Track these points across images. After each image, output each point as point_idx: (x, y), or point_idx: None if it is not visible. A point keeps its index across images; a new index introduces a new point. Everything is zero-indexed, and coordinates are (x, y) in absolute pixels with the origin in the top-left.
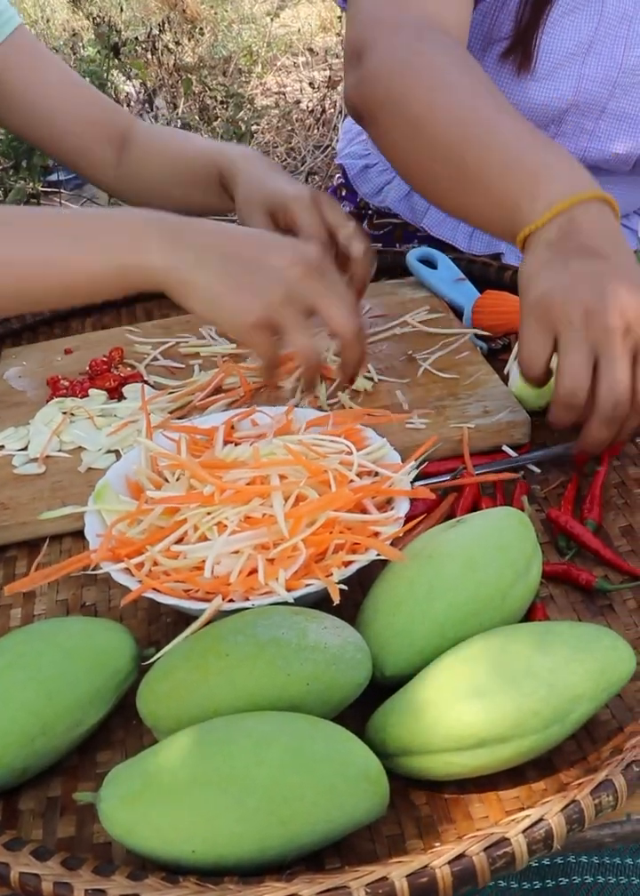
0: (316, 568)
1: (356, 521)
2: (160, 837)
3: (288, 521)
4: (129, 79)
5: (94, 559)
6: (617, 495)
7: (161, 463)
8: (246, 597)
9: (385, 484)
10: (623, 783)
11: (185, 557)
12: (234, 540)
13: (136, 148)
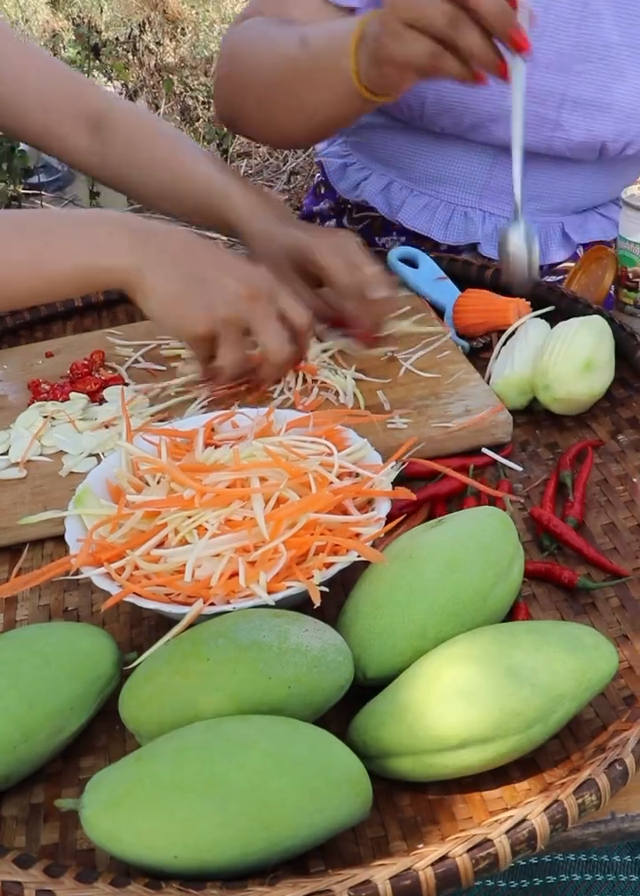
0: (297, 570)
1: (336, 522)
2: (142, 843)
3: (269, 523)
4: (110, 80)
5: (75, 564)
6: (599, 493)
7: (142, 467)
8: (227, 600)
9: (365, 485)
10: (606, 782)
11: (165, 561)
12: (214, 543)
13: (118, 143)
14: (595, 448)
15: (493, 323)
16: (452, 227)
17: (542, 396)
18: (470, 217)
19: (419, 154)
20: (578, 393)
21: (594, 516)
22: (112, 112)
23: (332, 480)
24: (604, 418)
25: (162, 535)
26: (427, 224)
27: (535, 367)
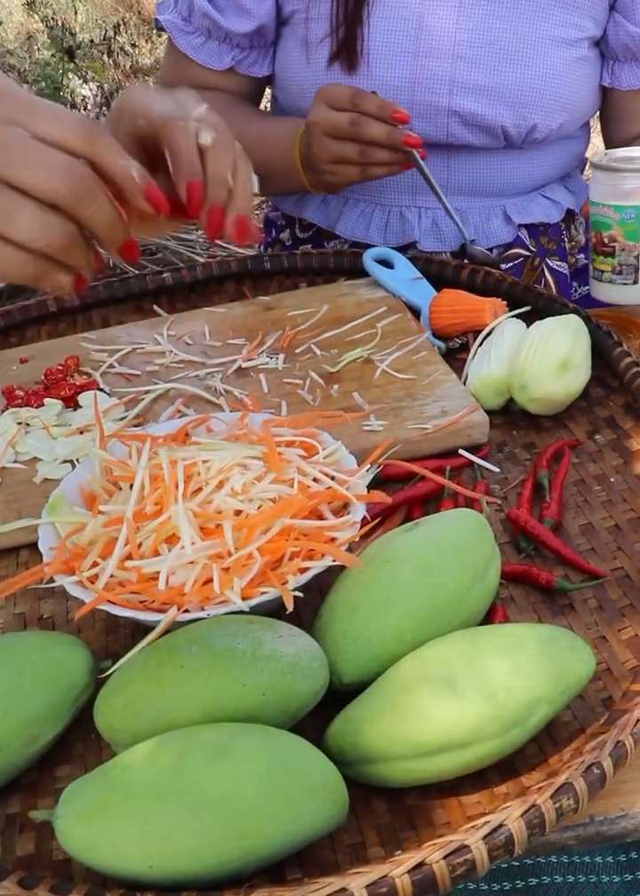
0: (272, 576)
1: (311, 527)
2: (117, 854)
3: (242, 529)
4: (85, 82)
5: (48, 572)
6: (577, 493)
7: (114, 472)
8: (202, 607)
9: (341, 489)
10: (584, 786)
11: (139, 572)
12: (184, 554)
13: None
14: (572, 448)
15: (470, 323)
16: (389, 229)
17: (519, 397)
18: (406, 216)
19: None
20: (554, 393)
21: (571, 516)
22: None
23: (308, 484)
24: (581, 417)
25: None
26: (364, 231)
27: (511, 367)
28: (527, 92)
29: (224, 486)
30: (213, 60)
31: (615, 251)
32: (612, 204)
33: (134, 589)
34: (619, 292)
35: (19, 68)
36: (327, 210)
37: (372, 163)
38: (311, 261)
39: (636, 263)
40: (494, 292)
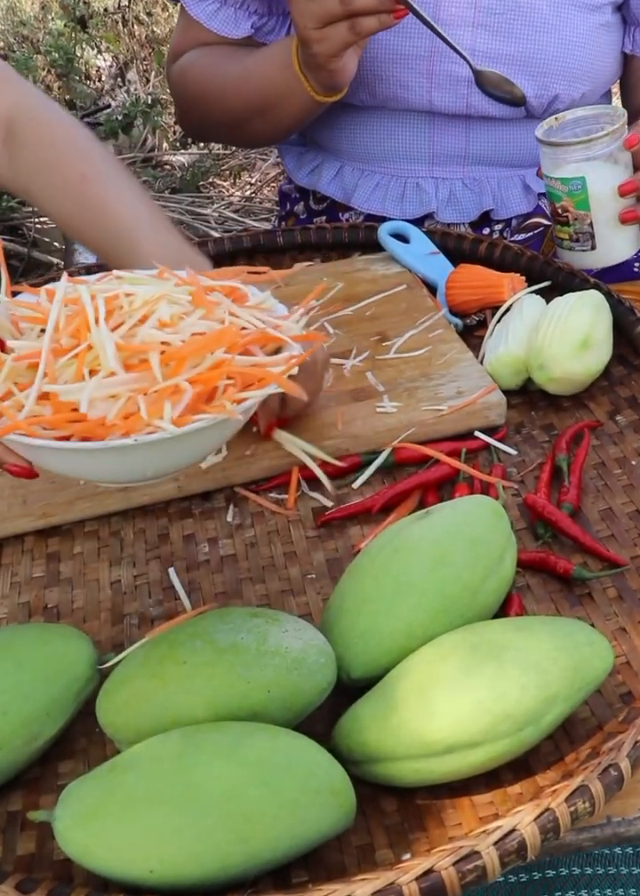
0: (206, 408)
1: (247, 363)
2: (117, 857)
3: (170, 363)
4: (99, 53)
5: None
6: (597, 477)
7: (20, 314)
8: (128, 435)
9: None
10: (600, 788)
11: (57, 399)
12: (109, 383)
13: (26, 157)
14: (592, 429)
15: (487, 299)
16: (406, 200)
17: (537, 376)
18: (423, 187)
19: (361, 133)
20: (574, 372)
21: (591, 501)
22: (25, 121)
23: (241, 326)
24: (602, 397)
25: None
26: (381, 203)
27: (530, 346)
28: (549, 61)
29: (149, 319)
30: (229, 28)
31: (569, 220)
32: (558, 177)
33: (51, 422)
34: (579, 258)
35: (31, 38)
36: (342, 182)
37: (359, 11)
38: (325, 236)
39: (591, 230)
40: (513, 267)
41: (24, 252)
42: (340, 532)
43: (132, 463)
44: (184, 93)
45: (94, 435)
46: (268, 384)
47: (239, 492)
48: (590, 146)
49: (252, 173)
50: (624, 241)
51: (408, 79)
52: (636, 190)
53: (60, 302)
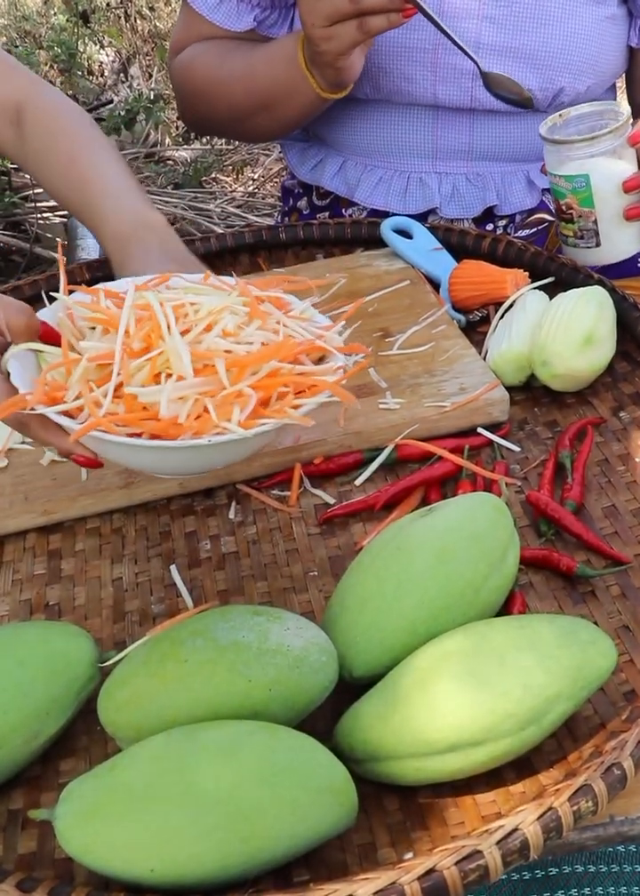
0: (267, 412)
1: (298, 372)
2: (117, 856)
3: (233, 369)
4: (102, 48)
5: (30, 401)
6: (600, 474)
7: (80, 315)
8: (199, 435)
9: (321, 341)
10: (603, 788)
11: (136, 400)
12: (181, 386)
13: (31, 138)
14: (595, 426)
15: (490, 295)
16: (409, 195)
17: (541, 373)
18: (426, 181)
19: (365, 127)
20: (578, 368)
21: (594, 498)
22: (30, 107)
23: (291, 335)
24: (605, 394)
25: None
26: (384, 198)
27: (533, 342)
28: (554, 53)
29: (214, 328)
30: (232, 21)
31: (573, 217)
32: (562, 175)
33: (127, 420)
34: (583, 255)
35: (34, 33)
36: (345, 177)
37: (368, 10)
38: (328, 231)
39: (595, 227)
40: (516, 263)
41: (26, 248)
42: (342, 530)
43: (197, 460)
44: (187, 87)
45: (166, 433)
46: (321, 391)
47: (241, 488)
48: (594, 143)
49: (255, 169)
50: (628, 238)
51: (412, 72)
52: (639, 186)
53: (131, 308)
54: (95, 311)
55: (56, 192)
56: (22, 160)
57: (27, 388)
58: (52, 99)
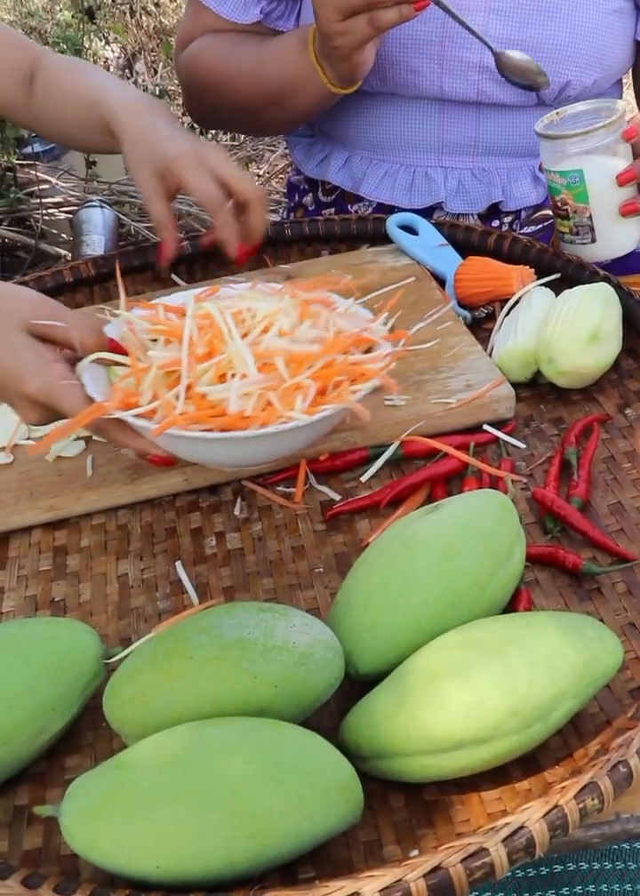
0: (325, 400)
1: (350, 363)
2: (123, 853)
3: (291, 365)
4: (107, 44)
5: (109, 406)
6: (606, 471)
7: (142, 328)
8: (265, 425)
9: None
10: (609, 785)
11: (206, 398)
12: (246, 383)
13: (40, 86)
14: (601, 423)
15: (496, 292)
16: (415, 190)
17: (546, 370)
18: (431, 176)
19: (370, 121)
20: (583, 365)
21: (600, 495)
22: (43, 66)
23: (340, 330)
24: (611, 391)
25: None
26: (390, 192)
27: (539, 339)
28: (561, 47)
29: (270, 329)
30: (238, 13)
31: (569, 213)
32: (556, 170)
33: (198, 418)
34: (580, 252)
35: (39, 29)
36: (351, 171)
37: (379, 2)
38: (333, 228)
39: (591, 223)
40: (522, 260)
41: (32, 244)
42: (347, 526)
43: (266, 449)
44: (194, 80)
45: (235, 426)
46: (372, 378)
47: (246, 485)
48: (587, 138)
49: (260, 165)
50: (624, 234)
51: (419, 64)
52: (634, 179)
53: (193, 318)
54: (156, 324)
55: (68, 127)
56: (36, 118)
57: (102, 397)
58: (61, 58)
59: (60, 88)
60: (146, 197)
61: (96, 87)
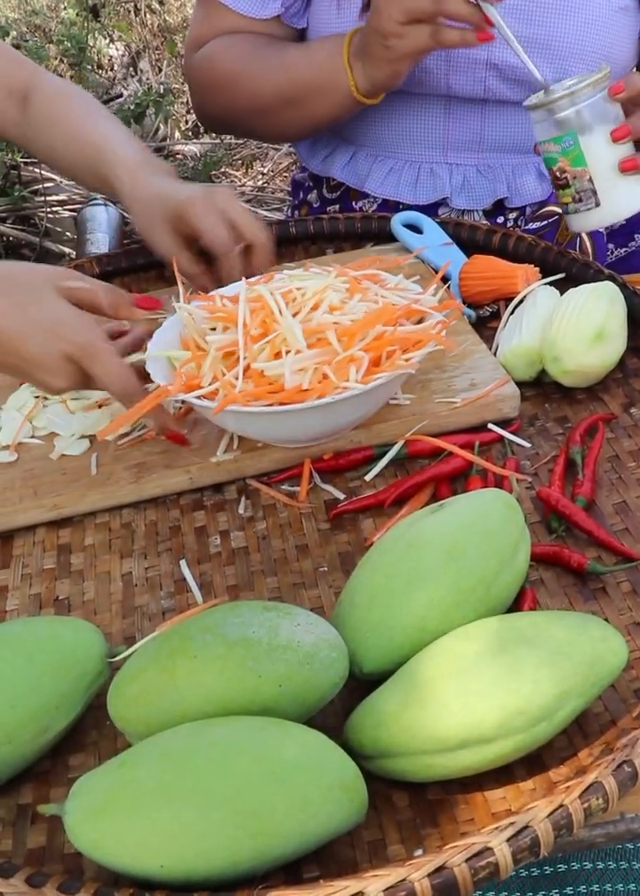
0: (380, 369)
1: (403, 332)
2: (127, 852)
3: (343, 338)
4: (111, 42)
5: (172, 390)
6: (611, 470)
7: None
8: (322, 397)
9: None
10: (614, 785)
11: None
12: (300, 358)
13: (36, 110)
14: (606, 422)
15: (501, 290)
16: (420, 186)
17: (551, 369)
18: (436, 172)
19: (375, 119)
20: (588, 364)
21: (605, 494)
22: (38, 89)
23: (391, 303)
24: (616, 390)
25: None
26: (394, 188)
27: (544, 338)
28: (567, 44)
29: (320, 306)
30: (256, 8)
31: (568, 181)
32: (550, 139)
33: (257, 394)
34: (586, 219)
35: (44, 27)
36: (356, 167)
37: (448, 14)
38: (338, 226)
39: (592, 186)
40: (526, 258)
41: (36, 242)
42: (352, 525)
43: (325, 421)
44: (208, 79)
45: (294, 400)
46: (427, 343)
47: (251, 483)
48: (575, 98)
49: (265, 163)
50: (628, 192)
51: (426, 61)
52: (628, 135)
53: (245, 302)
54: (214, 312)
55: (63, 160)
56: (27, 138)
57: (165, 381)
58: (58, 82)
59: (60, 119)
60: (166, 256)
61: (100, 134)
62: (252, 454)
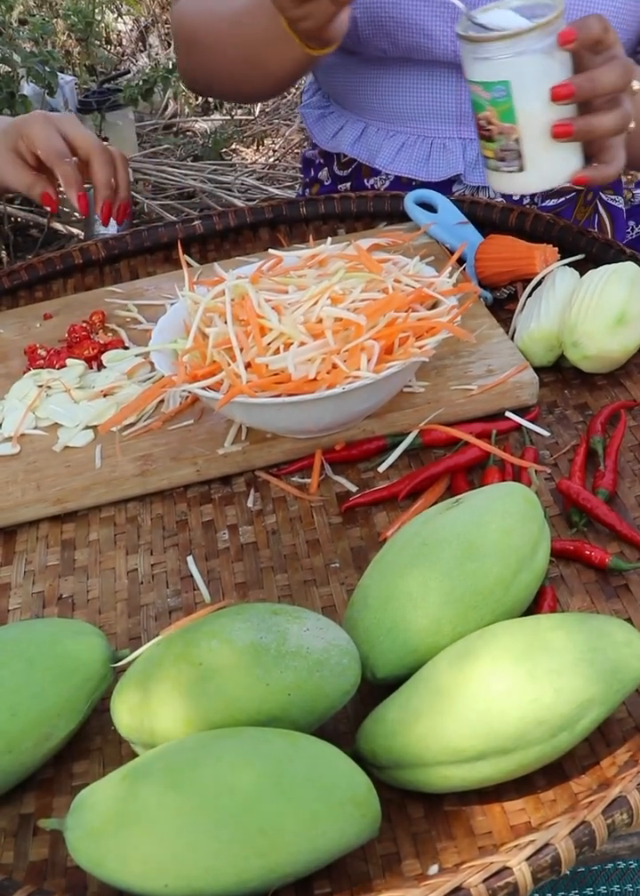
0: (392, 357)
1: (415, 319)
2: (130, 871)
3: (350, 328)
4: (120, 16)
5: (177, 381)
6: (634, 460)
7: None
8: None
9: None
10: (638, 799)
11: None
12: (304, 350)
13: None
14: (629, 410)
15: (518, 271)
16: (432, 162)
17: (571, 354)
18: (449, 148)
19: (386, 90)
20: (609, 349)
21: (628, 486)
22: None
23: (401, 289)
24: (638, 375)
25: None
26: (406, 164)
27: (563, 322)
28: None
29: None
30: None
31: (493, 135)
32: (480, 81)
33: (263, 385)
34: (506, 181)
35: (50, 1)
36: (367, 143)
37: None
38: (350, 206)
39: (518, 147)
40: (545, 237)
41: (44, 223)
42: (364, 519)
43: (337, 410)
44: (179, 35)
45: (301, 391)
46: (439, 332)
47: (260, 475)
48: (516, 42)
49: (275, 140)
50: (557, 162)
51: (432, 26)
52: (571, 96)
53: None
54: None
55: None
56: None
57: (169, 371)
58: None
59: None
60: (17, 184)
61: None
62: (260, 445)
